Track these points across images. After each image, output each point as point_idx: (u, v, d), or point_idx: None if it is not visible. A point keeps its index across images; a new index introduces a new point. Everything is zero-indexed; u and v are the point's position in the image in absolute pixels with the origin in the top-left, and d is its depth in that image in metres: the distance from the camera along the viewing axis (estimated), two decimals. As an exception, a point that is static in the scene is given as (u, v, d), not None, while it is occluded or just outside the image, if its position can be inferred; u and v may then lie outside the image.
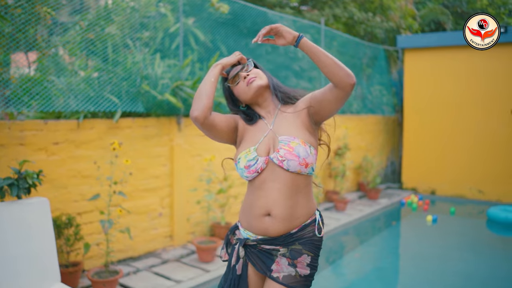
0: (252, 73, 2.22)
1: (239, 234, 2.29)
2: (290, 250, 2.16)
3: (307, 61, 7.58)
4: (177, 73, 5.18)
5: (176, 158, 5.19)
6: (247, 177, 2.16)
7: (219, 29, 6.21)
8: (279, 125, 2.19)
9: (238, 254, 2.24)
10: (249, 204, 2.21)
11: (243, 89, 2.21)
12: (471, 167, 8.62)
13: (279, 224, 2.12)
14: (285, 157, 2.06)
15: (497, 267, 5.28)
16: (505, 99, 8.21)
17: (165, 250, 5.13)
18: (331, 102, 2.07)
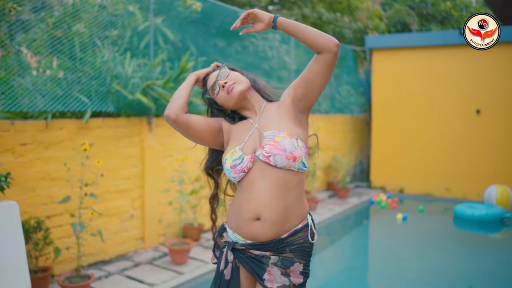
0: (230, 79, 2.14)
1: (227, 237, 2.19)
2: (281, 259, 2.06)
3: (276, 60, 7.57)
4: (147, 72, 5.09)
5: (147, 159, 5.10)
6: (235, 178, 2.07)
7: (188, 28, 6.12)
8: (264, 122, 2.12)
9: (227, 259, 2.15)
10: (238, 207, 2.11)
11: (225, 98, 2.15)
12: (438, 165, 8.78)
13: (269, 229, 2.02)
14: (270, 152, 1.97)
15: (465, 263, 5.38)
16: (471, 99, 8.40)
17: (136, 253, 5.03)
18: (320, 71, 1.99)
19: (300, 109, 2.08)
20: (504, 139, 8.19)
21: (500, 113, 8.21)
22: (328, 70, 2.00)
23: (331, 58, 1.97)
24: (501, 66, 8.19)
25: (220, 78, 2.15)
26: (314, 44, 1.98)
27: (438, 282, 4.78)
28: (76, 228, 3.75)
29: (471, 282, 4.84)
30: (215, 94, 2.16)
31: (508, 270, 5.21)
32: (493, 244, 6.52)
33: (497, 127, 8.24)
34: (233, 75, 2.16)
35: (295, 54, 7.92)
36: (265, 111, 2.16)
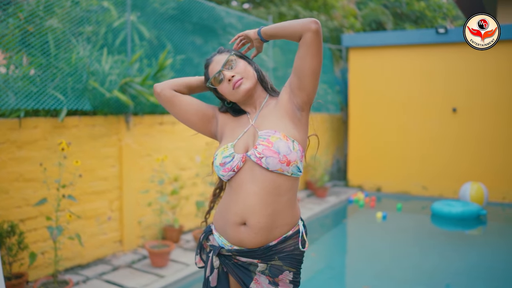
0: (238, 71, 1.96)
1: (213, 240, 2.07)
2: (269, 267, 1.92)
3: (254, 59, 7.46)
4: (125, 69, 4.92)
5: (125, 159, 4.93)
6: (223, 176, 1.94)
7: (164, 25, 5.96)
8: (261, 119, 1.98)
9: (212, 264, 2.02)
10: (224, 208, 1.99)
11: (229, 91, 1.98)
12: (415, 164, 8.82)
13: (256, 236, 1.89)
14: (263, 154, 1.83)
15: (448, 260, 5.38)
16: (447, 98, 8.46)
17: (115, 256, 4.86)
18: (307, 54, 1.84)
19: (299, 105, 1.95)
20: (479, 137, 8.27)
21: (475, 111, 8.29)
22: (314, 52, 1.85)
23: (311, 36, 1.82)
24: (476, 65, 8.27)
25: (227, 67, 1.98)
26: (294, 32, 1.87)
27: (424, 280, 4.76)
28: (53, 232, 3.57)
29: (456, 279, 4.84)
30: (218, 83, 2.00)
31: (490, 266, 5.23)
32: (472, 241, 6.55)
33: (473, 125, 8.32)
34: (242, 66, 1.98)
35: (272, 52, 7.83)
36: (265, 108, 2.03)
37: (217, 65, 1.99)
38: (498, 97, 8.12)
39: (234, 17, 7.22)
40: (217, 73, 1.98)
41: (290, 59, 8.27)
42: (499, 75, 8.12)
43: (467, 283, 4.77)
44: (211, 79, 2.00)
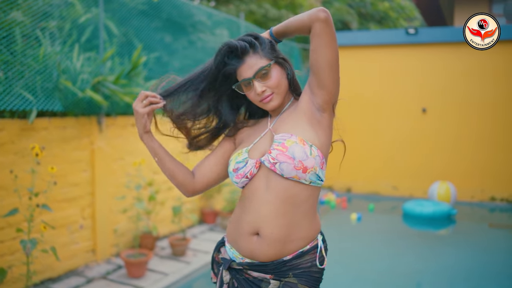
0: (270, 86, 1.75)
1: (224, 253, 1.89)
2: (283, 284, 1.74)
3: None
4: (96, 67, 4.61)
5: (97, 163, 4.62)
6: (236, 183, 1.78)
7: (133, 21, 5.65)
8: (280, 123, 1.81)
9: (222, 279, 1.85)
10: (237, 218, 1.83)
11: (255, 101, 1.79)
12: (385, 164, 8.83)
13: (269, 247, 1.72)
14: (277, 159, 1.66)
15: (424, 261, 5.35)
16: (417, 98, 8.50)
17: (87, 267, 4.54)
18: (320, 45, 1.68)
19: (319, 106, 1.76)
20: (448, 137, 8.35)
21: (444, 111, 8.36)
22: (327, 41, 1.68)
23: (320, 26, 1.67)
24: (445, 65, 8.34)
25: (258, 76, 1.74)
26: (302, 24, 1.72)
27: (401, 282, 4.70)
28: (26, 246, 3.25)
29: (433, 280, 4.80)
30: (245, 88, 1.78)
31: (466, 266, 5.23)
32: (445, 241, 6.57)
33: (442, 125, 8.39)
34: (275, 78, 1.75)
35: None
36: (286, 110, 1.85)
37: (249, 70, 1.74)
38: (466, 97, 8.21)
39: (205, 14, 6.97)
40: (247, 81, 1.75)
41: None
42: (467, 76, 8.22)
43: (444, 283, 4.74)
44: (239, 84, 1.77)
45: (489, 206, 8.02)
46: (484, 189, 8.15)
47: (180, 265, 4.74)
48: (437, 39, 8.14)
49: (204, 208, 6.23)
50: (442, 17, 17.93)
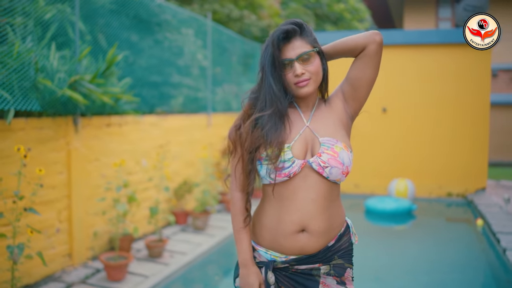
0: (309, 70, 1.79)
1: (260, 257, 1.89)
2: (333, 267, 1.84)
3: (192, 57, 7.18)
4: (72, 65, 4.47)
5: (73, 164, 4.48)
6: (272, 180, 1.75)
7: (99, 19, 5.49)
8: (317, 123, 1.85)
9: (267, 282, 1.86)
10: (274, 219, 1.82)
11: (290, 84, 1.81)
12: (346, 162, 9.01)
13: (317, 240, 1.80)
14: (328, 163, 1.73)
15: (386, 255, 5.53)
16: (378, 98, 8.73)
17: (65, 272, 4.40)
18: (366, 66, 1.85)
19: (350, 115, 1.93)
20: (408, 136, 8.64)
21: (404, 111, 8.64)
22: (376, 63, 1.86)
23: (375, 48, 1.83)
24: (404, 67, 8.62)
25: (300, 59, 1.79)
26: (357, 46, 1.84)
27: (370, 277, 4.84)
28: (13, 251, 3.12)
29: (399, 273, 4.98)
30: (284, 68, 1.79)
31: (429, 258, 5.45)
32: (408, 235, 6.81)
33: (402, 124, 8.67)
34: (316, 66, 1.81)
35: (211, 50, 7.59)
36: (317, 109, 1.90)
37: (293, 52, 1.78)
38: (423, 97, 8.53)
39: (172, 13, 6.88)
40: (289, 61, 1.78)
41: (225, 58, 8.08)
42: (423, 77, 8.54)
43: (408, 276, 4.93)
44: (281, 62, 1.79)
45: (446, 202, 8.37)
46: (441, 185, 8.49)
47: (158, 267, 4.68)
48: (395, 41, 8.40)
49: (175, 209, 6.16)
50: (391, 20, 18.50)
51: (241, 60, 8.60)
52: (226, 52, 8.04)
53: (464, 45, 8.24)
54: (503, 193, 8.26)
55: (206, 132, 7.16)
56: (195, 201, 6.26)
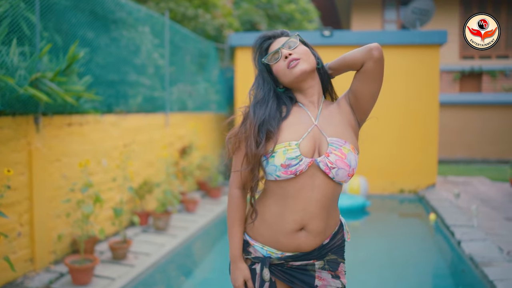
0: (297, 52, 1.85)
1: (255, 252, 1.91)
2: (327, 262, 1.90)
3: (148, 55, 7.07)
4: (33, 63, 4.30)
5: (35, 165, 4.32)
6: (278, 177, 1.77)
7: (54, 15, 5.29)
8: (324, 121, 1.86)
9: (262, 277, 1.88)
10: (277, 216, 1.83)
11: (283, 71, 1.85)
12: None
13: (314, 239, 1.84)
14: (335, 165, 1.75)
15: (347, 251, 5.66)
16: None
17: (27, 277, 4.23)
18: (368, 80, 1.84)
19: (358, 121, 1.96)
20: (360, 134, 8.83)
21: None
22: (377, 78, 1.85)
23: (372, 66, 1.81)
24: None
25: (286, 46, 1.87)
26: (355, 62, 1.85)
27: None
28: (-18, 256, 2.98)
29: (361, 269, 5.12)
30: (273, 61, 1.88)
31: (388, 254, 5.63)
32: (364, 231, 6.99)
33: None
34: (302, 49, 1.87)
35: (169, 49, 7.48)
36: (324, 108, 1.91)
37: (278, 44, 1.89)
38: (380, 95, 8.75)
39: (130, 10, 6.73)
40: (275, 51, 1.87)
41: (180, 57, 8.01)
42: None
43: (372, 271, 5.08)
44: (268, 55, 1.89)
45: (399, 198, 8.66)
46: (393, 182, 8.77)
47: (124, 269, 4.58)
48: (351, 42, 8.60)
49: (135, 210, 6.05)
50: (338, 21, 18.91)
51: (196, 60, 8.54)
52: (182, 51, 7.97)
53: (414, 46, 8.57)
54: (451, 188, 8.64)
55: (164, 131, 7.08)
56: (156, 201, 6.17)
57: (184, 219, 6.55)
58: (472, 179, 9.92)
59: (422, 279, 4.98)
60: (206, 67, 9.17)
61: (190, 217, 6.70)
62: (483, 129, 13.09)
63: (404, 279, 4.86)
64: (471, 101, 13.22)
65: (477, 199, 7.76)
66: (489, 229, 5.83)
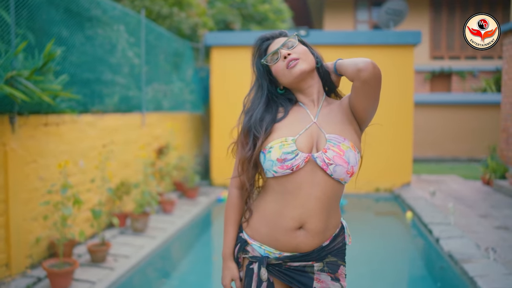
0: (296, 52, 1.83)
1: (253, 251, 1.88)
2: (326, 264, 1.85)
3: (124, 54, 6.94)
4: (7, 60, 4.16)
5: (10, 167, 4.17)
6: (275, 173, 1.76)
7: (27, 11, 5.12)
8: (324, 119, 1.84)
9: (260, 277, 1.85)
10: (275, 213, 1.81)
11: (282, 71, 1.84)
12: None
13: (313, 239, 1.80)
14: (333, 161, 1.73)
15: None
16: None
17: (3, 283, 4.08)
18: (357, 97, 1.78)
19: (359, 127, 1.90)
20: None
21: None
22: (365, 95, 1.77)
23: (359, 85, 1.73)
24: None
25: (285, 46, 1.85)
26: (346, 74, 1.80)
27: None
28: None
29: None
30: (273, 62, 1.87)
31: (365, 250, 5.68)
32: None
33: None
34: (301, 49, 1.85)
35: (145, 48, 7.36)
36: (325, 106, 1.89)
37: (277, 45, 1.88)
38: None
39: (100, 7, 6.59)
40: (274, 51, 1.86)
41: (156, 56, 7.89)
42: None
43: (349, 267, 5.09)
44: (268, 56, 1.88)
45: (375, 197, 8.75)
46: (369, 181, 8.85)
47: (104, 272, 4.48)
48: (326, 41, 8.64)
49: (113, 211, 5.93)
50: (310, 21, 19.02)
51: (171, 59, 8.43)
52: (157, 50, 7.86)
53: (388, 46, 8.67)
54: (426, 187, 8.77)
55: (140, 131, 6.96)
56: (133, 202, 6.06)
57: (162, 220, 6.46)
58: (444, 178, 10.10)
59: (402, 276, 5.04)
60: (181, 66, 9.07)
61: (167, 218, 6.61)
62: (453, 128, 13.36)
63: (383, 277, 4.90)
64: (441, 101, 13.48)
65: (451, 197, 7.90)
66: (465, 227, 5.93)
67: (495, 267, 4.46)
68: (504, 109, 9.08)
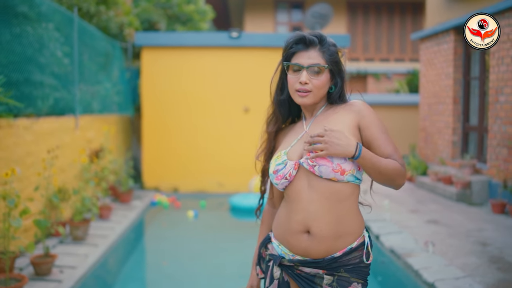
0: (315, 85, 1.87)
1: (272, 249, 2.00)
2: (337, 279, 1.85)
3: (54, 54, 6.59)
4: None
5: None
6: (277, 184, 1.90)
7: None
8: (315, 126, 1.92)
9: (272, 275, 1.96)
10: (284, 217, 1.93)
11: (292, 88, 1.94)
12: (210, 162, 9.12)
13: (319, 244, 1.82)
14: (316, 162, 1.79)
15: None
16: (240, 98, 8.99)
17: None
18: None
19: None
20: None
21: (265, 110, 9.01)
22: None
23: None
24: (264, 68, 8.97)
25: (310, 70, 1.88)
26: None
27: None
28: None
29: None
30: (292, 72, 1.93)
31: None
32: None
33: (262, 123, 9.03)
34: (322, 82, 1.89)
35: (77, 47, 7.03)
36: (321, 114, 1.97)
37: (307, 60, 1.89)
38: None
39: (38, 4, 6.22)
40: (298, 67, 1.90)
41: (86, 56, 7.58)
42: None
43: None
44: (291, 64, 1.92)
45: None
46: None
47: (51, 285, 4.26)
48: (258, 43, 8.75)
49: (49, 220, 5.62)
50: (230, 22, 19.13)
51: (100, 59, 8.14)
52: (88, 50, 7.55)
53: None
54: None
55: (74, 135, 6.67)
56: (71, 209, 5.80)
57: (101, 227, 6.23)
58: (368, 175, 10.58)
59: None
60: (111, 66, 8.78)
61: (106, 224, 6.39)
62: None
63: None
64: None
65: (380, 194, 8.31)
66: (398, 222, 6.29)
67: (435, 259, 4.78)
68: (422, 109, 9.70)
